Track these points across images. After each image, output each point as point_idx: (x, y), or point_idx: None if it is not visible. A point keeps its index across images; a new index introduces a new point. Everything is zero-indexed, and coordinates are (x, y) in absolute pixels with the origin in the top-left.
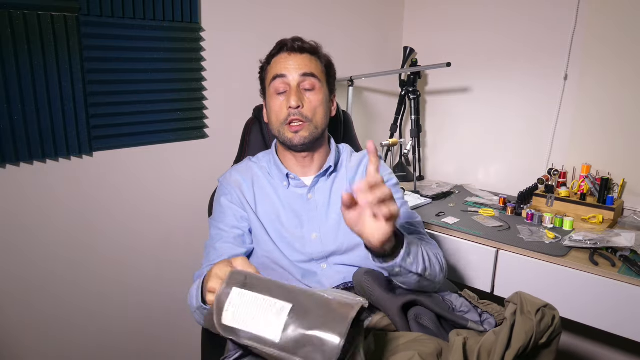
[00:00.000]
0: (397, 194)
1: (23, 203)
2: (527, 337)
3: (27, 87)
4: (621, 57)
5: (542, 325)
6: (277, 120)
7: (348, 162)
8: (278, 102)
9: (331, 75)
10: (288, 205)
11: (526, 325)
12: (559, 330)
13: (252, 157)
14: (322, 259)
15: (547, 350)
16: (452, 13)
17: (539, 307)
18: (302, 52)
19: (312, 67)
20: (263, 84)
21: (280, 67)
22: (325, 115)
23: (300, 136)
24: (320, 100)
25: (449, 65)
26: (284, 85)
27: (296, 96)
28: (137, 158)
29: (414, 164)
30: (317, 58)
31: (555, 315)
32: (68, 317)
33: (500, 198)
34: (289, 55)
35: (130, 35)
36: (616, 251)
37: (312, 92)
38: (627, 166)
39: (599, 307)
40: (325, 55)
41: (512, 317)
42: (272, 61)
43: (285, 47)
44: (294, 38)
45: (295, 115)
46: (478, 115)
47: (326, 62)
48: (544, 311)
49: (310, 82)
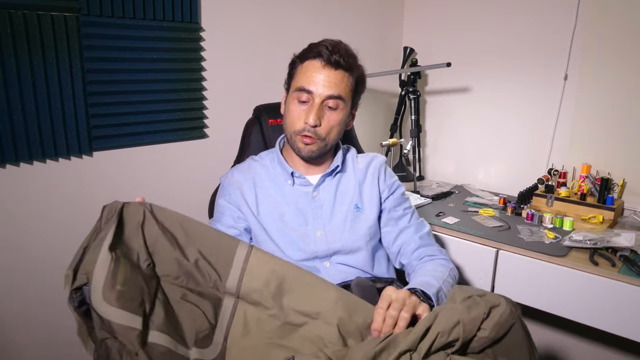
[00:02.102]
0: (405, 203)
1: (23, 203)
2: (447, 324)
3: (27, 87)
4: (621, 57)
5: (471, 313)
6: (291, 126)
7: (354, 162)
8: (298, 109)
9: (359, 91)
10: (292, 203)
11: (448, 312)
12: (511, 320)
13: (254, 156)
14: (326, 257)
15: (505, 342)
16: (452, 13)
17: (469, 295)
18: (336, 68)
19: (341, 88)
20: (289, 80)
21: (309, 80)
22: (339, 133)
23: (309, 150)
24: (339, 120)
25: (449, 65)
26: (308, 97)
27: (316, 115)
28: (137, 158)
29: (414, 164)
30: (351, 74)
31: (497, 305)
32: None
33: (500, 198)
34: (322, 67)
35: (130, 35)
36: (616, 251)
37: (335, 111)
38: (627, 166)
39: (599, 307)
40: (360, 68)
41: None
42: (304, 63)
43: (322, 57)
44: (333, 47)
45: (309, 132)
46: (478, 115)
47: (357, 77)
48: (475, 299)
49: (334, 102)
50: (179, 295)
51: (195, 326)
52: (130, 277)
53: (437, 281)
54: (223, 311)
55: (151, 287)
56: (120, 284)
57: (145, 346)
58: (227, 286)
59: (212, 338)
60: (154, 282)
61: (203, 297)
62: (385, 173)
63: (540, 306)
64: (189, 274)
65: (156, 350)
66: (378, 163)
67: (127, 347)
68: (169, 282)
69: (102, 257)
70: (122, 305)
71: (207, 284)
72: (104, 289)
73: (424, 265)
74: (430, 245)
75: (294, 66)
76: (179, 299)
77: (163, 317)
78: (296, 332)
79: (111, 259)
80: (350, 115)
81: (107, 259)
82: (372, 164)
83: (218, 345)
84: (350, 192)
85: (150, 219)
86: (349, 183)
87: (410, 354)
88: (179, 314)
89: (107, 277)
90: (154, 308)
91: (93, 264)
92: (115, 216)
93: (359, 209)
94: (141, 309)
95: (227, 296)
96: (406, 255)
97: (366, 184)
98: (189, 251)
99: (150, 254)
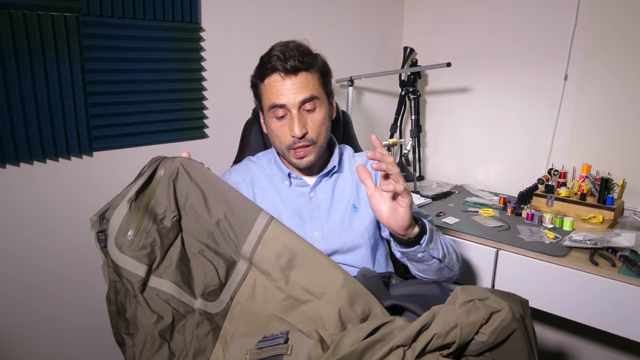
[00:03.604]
0: None
1: (23, 203)
2: (445, 326)
3: (27, 87)
4: (621, 57)
5: (470, 317)
6: (280, 144)
7: (351, 162)
8: (279, 126)
9: (327, 82)
10: (290, 203)
11: (447, 315)
12: (512, 326)
13: (251, 157)
14: None
15: (504, 348)
16: (452, 13)
17: (470, 299)
18: (296, 73)
19: (310, 88)
20: (258, 100)
21: (277, 95)
22: (328, 129)
23: (307, 161)
24: (323, 117)
25: (449, 65)
26: (284, 111)
27: (299, 124)
28: (137, 158)
29: (414, 164)
30: (313, 71)
31: (498, 311)
32: (68, 317)
33: (500, 198)
34: (282, 78)
35: (130, 35)
36: (616, 251)
37: (314, 112)
38: (627, 166)
39: (599, 307)
40: (318, 60)
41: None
42: (265, 81)
43: (277, 70)
44: (284, 53)
45: (300, 142)
46: (478, 115)
47: (321, 70)
48: (476, 304)
49: (311, 104)
50: (197, 249)
51: (206, 280)
52: (144, 228)
53: (437, 233)
54: (235, 273)
55: (166, 240)
56: (133, 233)
57: (145, 292)
58: (242, 250)
59: (219, 295)
60: (172, 235)
61: (219, 256)
62: None
63: (540, 306)
64: (210, 232)
65: (159, 295)
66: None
67: (130, 291)
68: (190, 236)
69: (121, 206)
70: (130, 253)
71: (225, 244)
72: (117, 236)
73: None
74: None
75: (256, 88)
76: (197, 252)
77: (174, 267)
78: (298, 308)
79: (128, 209)
80: (330, 105)
81: (124, 208)
82: (369, 163)
83: (223, 302)
84: (347, 192)
85: (184, 174)
86: (345, 183)
87: (404, 350)
88: (193, 265)
89: (121, 225)
90: (165, 259)
91: (113, 211)
92: (148, 171)
93: (356, 209)
94: (149, 258)
95: (242, 260)
96: None
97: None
98: (215, 210)
99: (179, 207)
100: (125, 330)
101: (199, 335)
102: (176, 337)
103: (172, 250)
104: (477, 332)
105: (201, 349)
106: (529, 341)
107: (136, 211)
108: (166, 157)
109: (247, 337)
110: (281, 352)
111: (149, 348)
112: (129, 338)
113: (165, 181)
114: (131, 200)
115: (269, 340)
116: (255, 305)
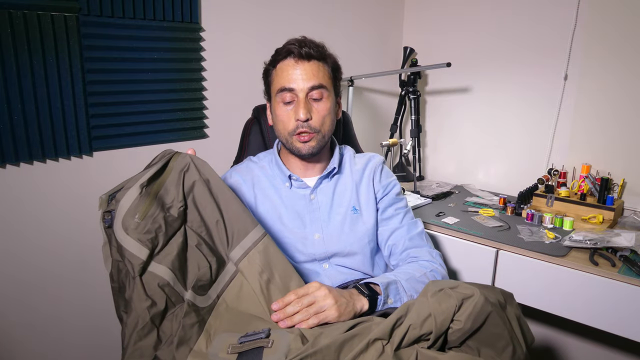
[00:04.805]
0: (399, 203)
1: (23, 203)
2: (419, 317)
3: (27, 87)
4: (621, 57)
5: (442, 305)
6: (284, 130)
7: (352, 164)
8: (285, 111)
9: (337, 79)
10: (290, 205)
11: (419, 306)
12: (487, 310)
13: (252, 157)
14: (325, 259)
15: (484, 332)
16: (452, 13)
17: (441, 289)
18: (309, 59)
19: (320, 77)
20: (268, 87)
21: (287, 79)
22: (332, 123)
23: (309, 146)
24: (328, 108)
25: (449, 65)
26: (292, 96)
27: (305, 108)
28: (137, 158)
29: (414, 164)
30: (325, 63)
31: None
32: (68, 317)
33: (500, 198)
34: (296, 62)
35: (130, 35)
36: (616, 251)
37: (320, 101)
38: (627, 166)
39: (599, 307)
40: (332, 57)
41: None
42: (277, 66)
43: (292, 54)
44: (300, 42)
45: (303, 127)
46: (478, 115)
47: (333, 65)
48: (446, 292)
49: (318, 92)
50: (195, 242)
51: (199, 274)
52: (151, 214)
53: (396, 276)
54: (224, 273)
55: (171, 228)
56: (139, 217)
57: (144, 275)
58: (231, 255)
59: (208, 291)
60: (177, 224)
61: (213, 253)
62: (382, 173)
63: (540, 306)
64: (208, 229)
65: (156, 281)
66: (375, 164)
67: (130, 272)
68: (191, 229)
69: (132, 189)
70: (135, 235)
71: (219, 244)
72: (124, 218)
73: (403, 266)
74: (420, 246)
75: (268, 74)
76: (195, 245)
77: (174, 255)
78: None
79: (139, 193)
80: (337, 104)
81: (135, 192)
82: (369, 164)
83: (210, 298)
84: (347, 194)
85: (193, 169)
86: (346, 185)
87: (383, 345)
88: (189, 258)
89: (131, 208)
90: (167, 246)
91: (124, 194)
92: (161, 161)
93: (357, 211)
94: (152, 243)
95: (231, 263)
96: (395, 257)
97: (362, 185)
98: (215, 210)
99: (186, 199)
100: (124, 308)
101: (185, 325)
102: (165, 324)
103: (175, 239)
104: (453, 320)
105: (186, 338)
106: (510, 325)
107: (146, 197)
108: (178, 152)
109: (230, 333)
110: (262, 344)
111: (139, 331)
112: (126, 316)
113: (176, 173)
114: (143, 185)
115: (251, 336)
116: (240, 305)
